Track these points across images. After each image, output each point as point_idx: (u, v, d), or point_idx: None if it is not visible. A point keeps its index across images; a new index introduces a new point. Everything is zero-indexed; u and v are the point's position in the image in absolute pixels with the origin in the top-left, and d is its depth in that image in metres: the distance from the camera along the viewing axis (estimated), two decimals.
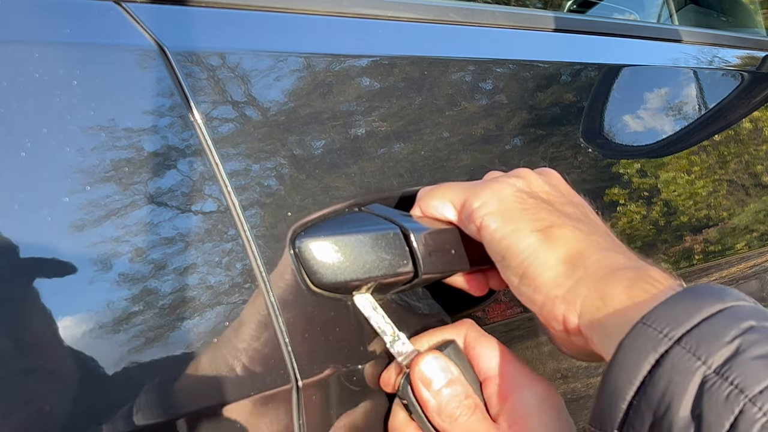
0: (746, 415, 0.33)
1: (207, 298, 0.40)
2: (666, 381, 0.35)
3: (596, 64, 0.80)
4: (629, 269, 0.43)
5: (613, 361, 0.38)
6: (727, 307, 0.37)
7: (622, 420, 0.37)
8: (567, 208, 0.48)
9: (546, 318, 0.44)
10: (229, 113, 0.46)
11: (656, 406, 0.35)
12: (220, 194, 0.43)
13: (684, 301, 0.38)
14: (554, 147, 0.68)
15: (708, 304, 0.37)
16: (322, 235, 0.46)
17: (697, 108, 0.91)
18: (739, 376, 0.34)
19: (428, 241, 0.48)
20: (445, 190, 0.50)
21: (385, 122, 0.54)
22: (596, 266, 0.43)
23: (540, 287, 0.44)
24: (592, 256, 0.44)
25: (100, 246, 0.37)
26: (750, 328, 0.36)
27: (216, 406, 0.40)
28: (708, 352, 0.35)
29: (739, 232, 0.90)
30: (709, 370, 0.35)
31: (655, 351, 0.36)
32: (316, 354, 0.45)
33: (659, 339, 0.36)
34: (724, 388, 0.34)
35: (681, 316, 0.37)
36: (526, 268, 0.45)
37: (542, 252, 0.44)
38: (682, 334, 0.36)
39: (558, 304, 0.43)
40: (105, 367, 0.36)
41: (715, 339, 0.35)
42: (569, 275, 0.43)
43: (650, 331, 0.37)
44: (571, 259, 0.44)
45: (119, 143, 0.40)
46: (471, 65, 0.65)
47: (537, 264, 0.44)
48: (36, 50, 0.39)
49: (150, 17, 0.45)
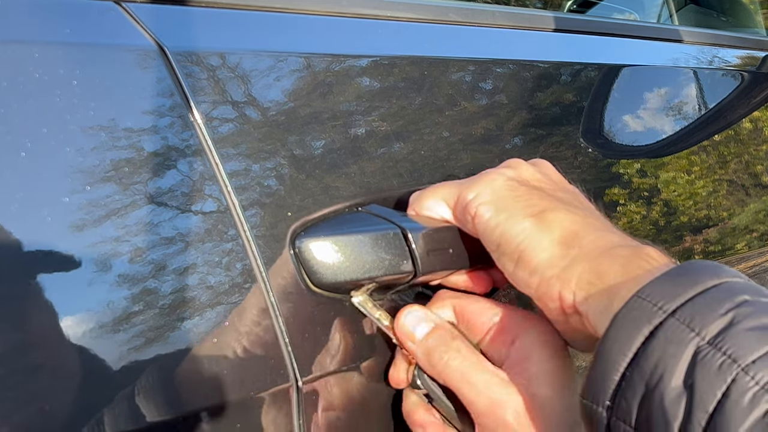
0: (738, 384, 0.33)
1: (207, 298, 0.40)
2: (659, 352, 0.35)
3: (596, 64, 0.80)
4: (625, 247, 0.43)
5: (607, 334, 0.38)
6: (722, 282, 0.37)
7: (614, 391, 0.37)
8: (559, 194, 0.48)
9: (542, 299, 0.44)
10: (229, 113, 0.46)
11: (648, 377, 0.35)
12: (220, 194, 0.43)
13: (679, 276, 0.38)
14: (554, 147, 0.68)
15: (703, 279, 0.37)
16: (321, 235, 0.46)
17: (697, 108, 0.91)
18: (733, 347, 0.34)
19: (426, 240, 0.48)
20: (438, 189, 0.50)
21: (385, 122, 0.54)
22: (591, 246, 0.43)
23: (535, 269, 0.44)
24: (587, 236, 0.44)
25: (100, 246, 0.37)
26: (744, 301, 0.36)
27: (216, 405, 0.40)
28: (702, 323, 0.35)
29: (739, 232, 0.90)
30: (703, 341, 0.35)
31: (649, 323, 0.36)
32: (316, 354, 0.45)
33: (653, 312, 0.36)
34: (717, 358, 0.34)
35: (676, 290, 0.37)
36: (521, 252, 0.45)
37: (536, 235, 0.44)
38: (677, 306, 0.36)
39: (553, 284, 0.43)
40: (105, 367, 0.36)
41: (710, 311, 0.36)
42: (564, 255, 0.43)
43: (645, 304, 0.37)
44: (566, 240, 0.44)
45: (119, 143, 0.40)
46: (471, 65, 0.65)
47: (532, 247, 0.44)
48: (36, 50, 0.39)
49: (150, 17, 0.45)
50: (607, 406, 0.37)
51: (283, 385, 0.43)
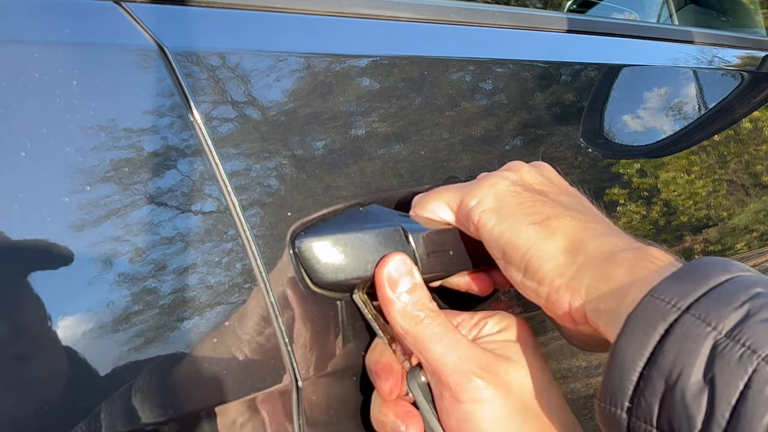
0: (760, 374, 0.33)
1: (207, 298, 0.40)
2: (677, 349, 0.35)
3: (596, 64, 0.80)
4: (629, 250, 0.43)
5: (621, 335, 0.37)
6: (733, 276, 0.37)
7: (633, 391, 0.36)
8: (562, 198, 0.48)
9: (552, 309, 0.44)
10: (229, 113, 0.46)
11: (668, 375, 0.35)
12: (220, 194, 0.43)
13: (690, 273, 0.38)
14: (554, 147, 0.68)
15: (714, 275, 0.37)
16: (322, 234, 0.46)
17: (697, 108, 0.91)
18: (751, 338, 0.34)
19: (426, 241, 0.48)
20: (440, 193, 0.50)
21: (385, 122, 0.54)
22: (596, 252, 0.43)
23: (543, 278, 0.44)
24: (591, 243, 0.44)
25: (100, 246, 0.37)
26: (757, 294, 0.36)
27: (216, 405, 0.40)
28: (718, 317, 0.35)
29: (739, 232, 0.90)
30: (720, 334, 0.35)
31: (664, 321, 0.36)
32: (316, 354, 0.45)
33: (668, 309, 0.36)
34: (736, 350, 0.34)
35: (688, 287, 0.37)
36: (527, 261, 0.45)
37: (542, 244, 0.44)
38: (691, 303, 0.36)
39: (562, 293, 0.43)
40: (105, 367, 0.36)
41: (724, 305, 0.35)
42: (570, 263, 0.43)
43: (658, 302, 0.37)
44: (571, 247, 0.44)
45: (119, 143, 0.40)
46: (471, 65, 0.65)
47: (538, 256, 0.44)
48: (36, 50, 0.39)
49: (150, 17, 0.45)
50: (626, 407, 0.37)
51: (283, 385, 0.43)
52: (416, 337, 0.46)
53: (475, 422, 0.44)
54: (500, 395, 0.44)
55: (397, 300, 0.46)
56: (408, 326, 0.46)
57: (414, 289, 0.47)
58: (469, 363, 0.45)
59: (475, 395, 0.44)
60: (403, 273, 0.47)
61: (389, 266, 0.46)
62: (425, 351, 0.45)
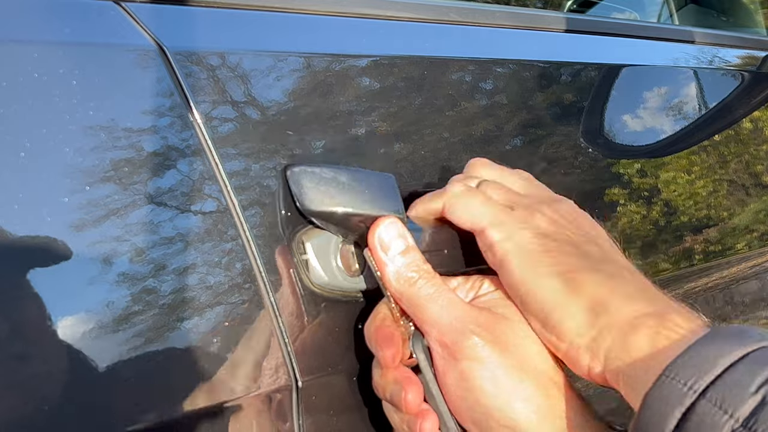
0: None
1: (207, 298, 0.40)
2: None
3: (596, 64, 0.80)
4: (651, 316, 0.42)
5: (640, 417, 0.38)
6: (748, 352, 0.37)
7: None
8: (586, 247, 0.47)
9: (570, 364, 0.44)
10: (229, 113, 0.46)
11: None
12: (220, 194, 0.43)
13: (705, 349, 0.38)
14: (554, 147, 0.68)
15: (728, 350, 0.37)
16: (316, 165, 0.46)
17: (697, 108, 0.91)
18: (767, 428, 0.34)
19: (422, 241, 0.48)
20: (471, 205, 0.48)
21: (385, 122, 0.54)
22: (618, 314, 0.43)
23: (563, 335, 0.44)
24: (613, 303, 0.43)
25: (100, 245, 0.37)
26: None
27: (216, 406, 0.40)
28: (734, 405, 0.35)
29: (739, 232, 0.90)
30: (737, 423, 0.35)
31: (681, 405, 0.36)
32: (316, 354, 0.45)
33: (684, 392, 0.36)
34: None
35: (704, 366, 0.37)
36: (546, 314, 0.44)
37: (563, 299, 0.44)
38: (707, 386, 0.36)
39: (582, 354, 0.43)
40: (105, 367, 0.36)
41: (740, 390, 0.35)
42: (592, 324, 0.43)
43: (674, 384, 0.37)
44: (594, 306, 0.43)
45: (119, 143, 0.40)
46: (471, 65, 0.65)
47: (558, 311, 0.44)
48: (36, 50, 0.39)
49: (150, 17, 0.45)
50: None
51: (283, 385, 0.43)
52: (411, 299, 0.46)
53: (472, 380, 0.44)
54: (498, 354, 0.44)
55: (391, 262, 0.46)
56: (403, 288, 0.46)
57: (407, 251, 0.46)
58: (466, 321, 0.44)
59: (473, 353, 0.44)
60: (394, 236, 0.46)
61: (380, 229, 0.46)
62: (420, 312, 0.45)
